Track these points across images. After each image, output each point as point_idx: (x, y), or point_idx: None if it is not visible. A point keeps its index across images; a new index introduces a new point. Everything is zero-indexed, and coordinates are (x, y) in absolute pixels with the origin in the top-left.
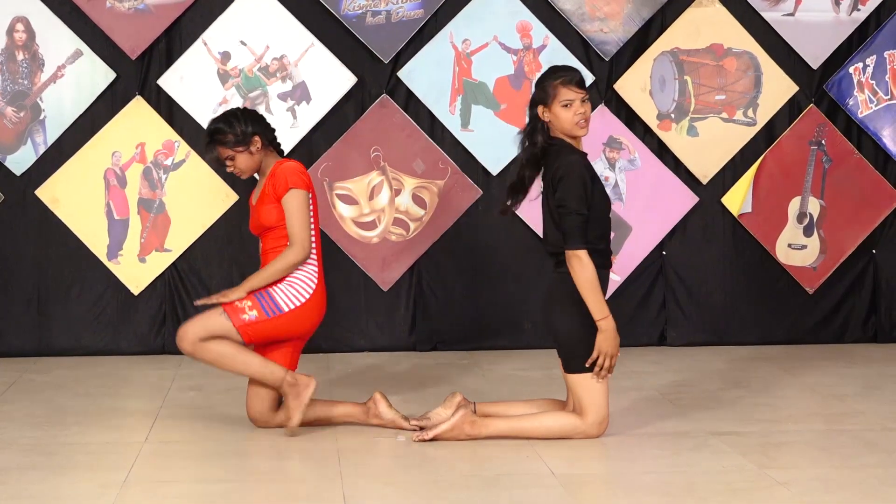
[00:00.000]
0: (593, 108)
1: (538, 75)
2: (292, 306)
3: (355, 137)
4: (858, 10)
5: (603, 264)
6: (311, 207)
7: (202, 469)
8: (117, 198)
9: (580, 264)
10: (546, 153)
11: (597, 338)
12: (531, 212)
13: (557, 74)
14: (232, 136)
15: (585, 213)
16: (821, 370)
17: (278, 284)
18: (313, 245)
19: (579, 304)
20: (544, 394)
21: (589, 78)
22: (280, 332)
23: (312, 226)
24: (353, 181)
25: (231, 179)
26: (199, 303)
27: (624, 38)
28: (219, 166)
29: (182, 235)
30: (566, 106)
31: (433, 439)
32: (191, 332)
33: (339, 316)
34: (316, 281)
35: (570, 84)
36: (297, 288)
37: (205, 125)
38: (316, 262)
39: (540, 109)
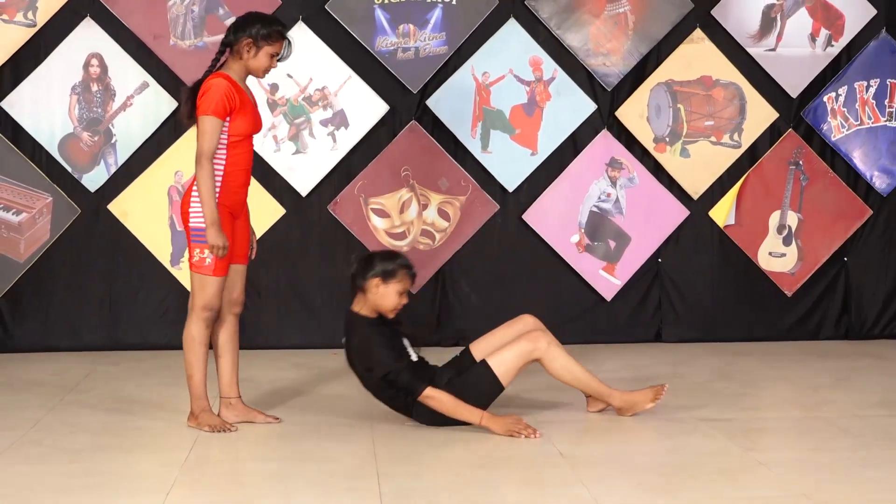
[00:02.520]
0: (597, 134)
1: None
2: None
3: (388, 158)
4: (832, 45)
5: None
6: None
7: (251, 450)
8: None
9: (435, 401)
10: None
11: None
12: (542, 223)
13: (408, 264)
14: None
15: (402, 364)
16: (798, 364)
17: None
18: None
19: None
20: (552, 385)
21: (592, 106)
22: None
23: None
24: (385, 197)
25: (278, 195)
26: None
27: (624, 70)
28: (270, 64)
29: None
30: (400, 294)
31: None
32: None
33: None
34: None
35: (410, 278)
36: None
37: (256, 149)
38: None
39: (375, 282)
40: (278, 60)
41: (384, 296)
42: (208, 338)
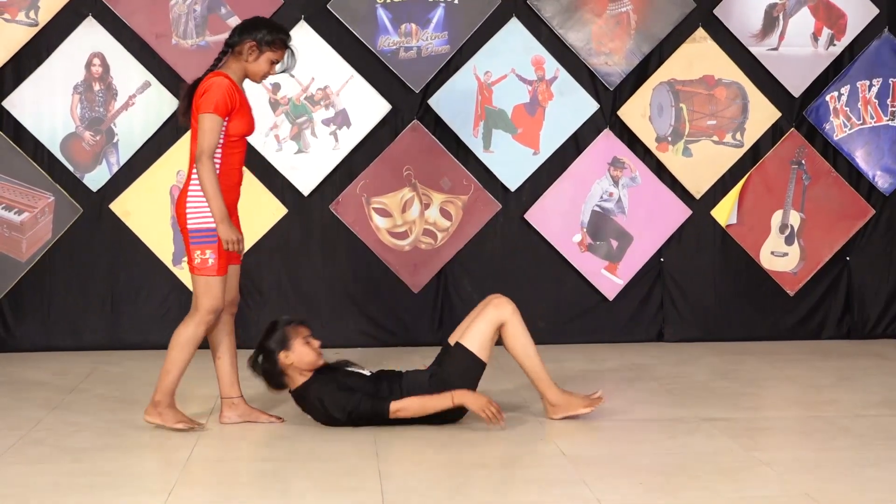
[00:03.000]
0: (599, 133)
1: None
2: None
3: (390, 158)
4: (834, 45)
5: None
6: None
7: (254, 449)
8: None
9: (403, 412)
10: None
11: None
12: (544, 222)
13: (292, 321)
14: None
15: (356, 396)
16: (800, 364)
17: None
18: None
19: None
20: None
21: (594, 106)
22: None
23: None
24: (387, 196)
25: (280, 194)
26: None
27: (626, 70)
28: (269, 70)
29: None
30: (307, 343)
31: None
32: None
33: (374, 315)
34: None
35: (303, 327)
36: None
37: (258, 148)
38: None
39: (282, 356)
40: (280, 71)
41: (298, 354)
42: (201, 341)
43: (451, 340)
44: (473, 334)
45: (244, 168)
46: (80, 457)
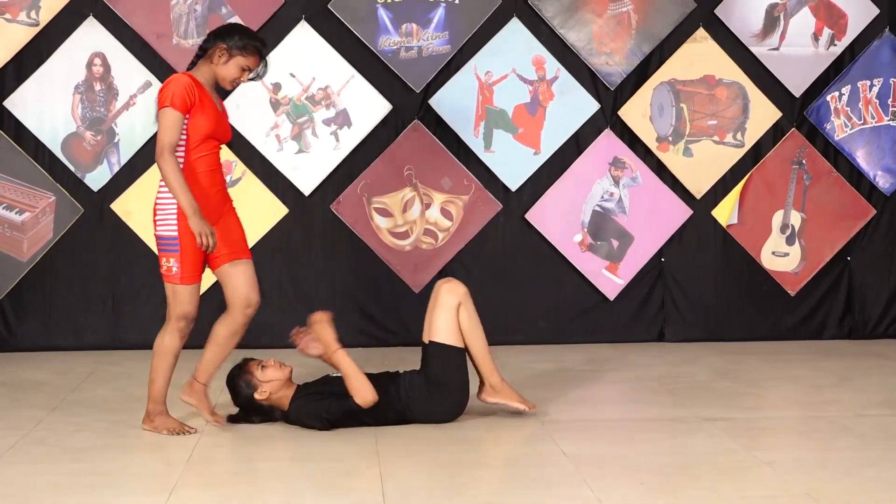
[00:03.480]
0: (600, 133)
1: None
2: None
3: (391, 158)
4: (835, 45)
5: None
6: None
7: (254, 449)
8: None
9: (361, 395)
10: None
11: None
12: (545, 222)
13: (239, 366)
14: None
15: (328, 404)
16: (801, 363)
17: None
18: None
19: None
20: (555, 384)
21: (594, 106)
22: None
23: None
24: (388, 196)
25: (281, 194)
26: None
27: (627, 69)
28: (239, 76)
29: None
30: (264, 368)
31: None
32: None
33: (376, 315)
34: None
35: (250, 362)
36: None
37: (259, 148)
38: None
39: (258, 395)
40: (251, 78)
41: (268, 379)
42: (180, 349)
43: (425, 338)
44: (439, 326)
45: (247, 171)
46: (81, 457)
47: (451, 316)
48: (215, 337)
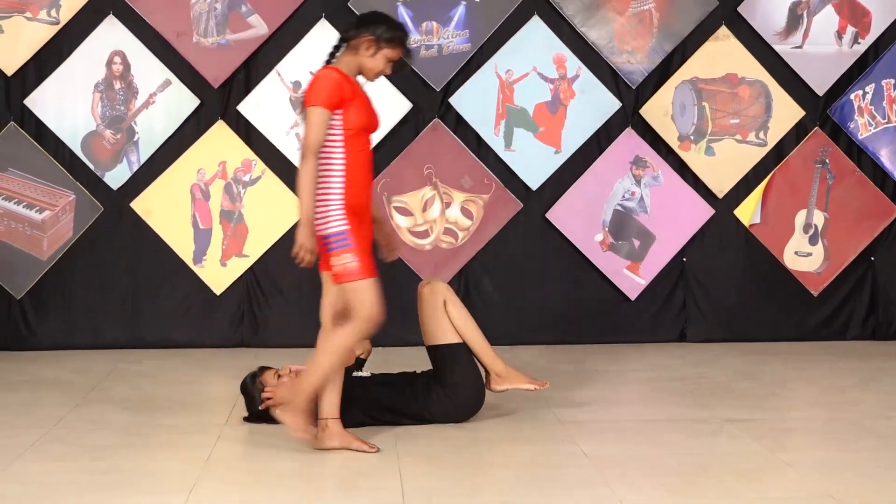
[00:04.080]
0: (621, 132)
1: None
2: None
3: (411, 157)
4: (859, 43)
5: None
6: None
7: (274, 449)
8: (202, 209)
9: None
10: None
11: None
12: (566, 222)
13: (255, 375)
14: None
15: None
16: (824, 364)
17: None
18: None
19: None
20: (576, 384)
21: (616, 104)
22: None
23: None
24: (408, 195)
25: None
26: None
27: (649, 68)
28: (384, 69)
29: (258, 243)
30: (280, 377)
31: None
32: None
33: (396, 315)
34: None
35: (266, 371)
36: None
37: (279, 147)
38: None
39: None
40: (395, 71)
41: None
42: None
43: (426, 343)
44: (435, 329)
45: (266, 170)
46: (101, 455)
47: (440, 315)
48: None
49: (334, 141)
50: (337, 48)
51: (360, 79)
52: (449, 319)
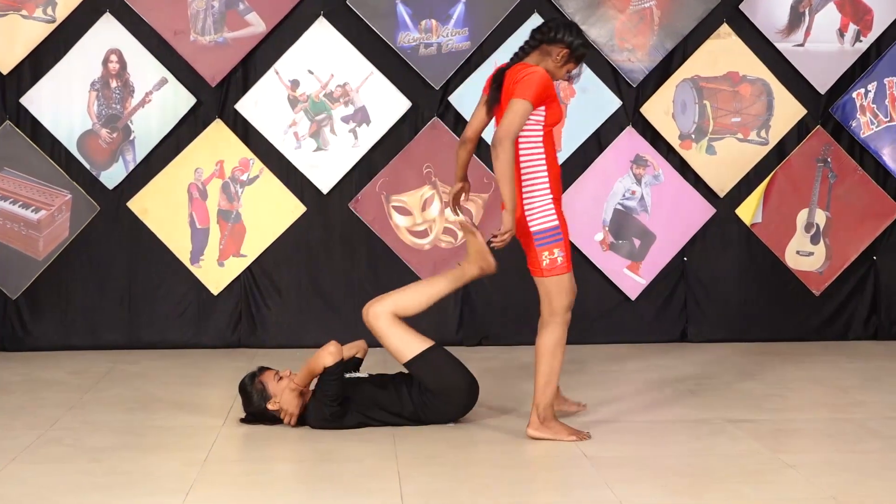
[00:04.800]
0: (621, 130)
1: None
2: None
3: (410, 155)
4: (861, 41)
5: None
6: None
7: (272, 450)
8: (199, 209)
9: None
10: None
11: None
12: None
13: (254, 374)
14: None
15: (325, 388)
16: (826, 364)
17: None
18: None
19: None
20: (577, 384)
21: (616, 103)
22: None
23: None
24: (407, 194)
25: (299, 192)
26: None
27: (650, 66)
28: (562, 78)
29: (256, 242)
30: (280, 379)
31: None
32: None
33: None
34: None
35: (266, 371)
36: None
37: (277, 146)
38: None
39: (272, 406)
40: (568, 77)
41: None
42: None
43: (399, 363)
44: (400, 347)
45: (264, 169)
46: (98, 456)
47: (398, 330)
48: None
49: (536, 137)
50: (531, 47)
51: None
52: (405, 332)
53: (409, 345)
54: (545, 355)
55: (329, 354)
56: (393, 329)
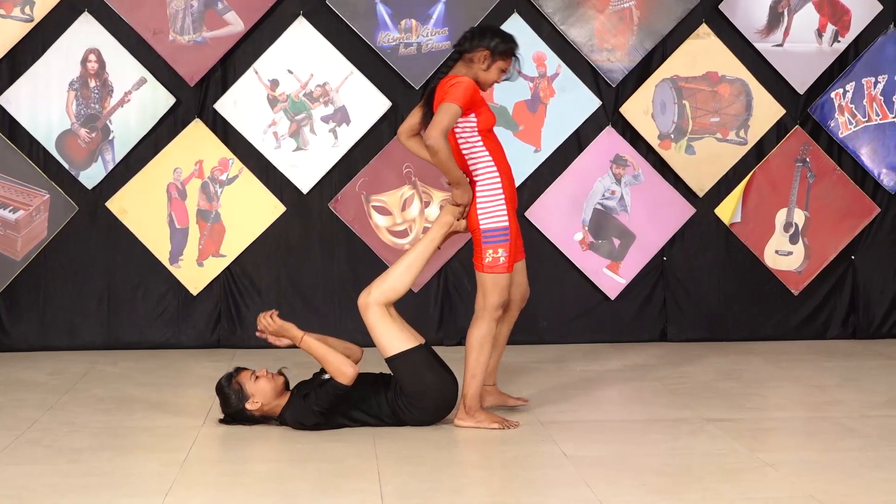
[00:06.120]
0: (601, 130)
1: None
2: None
3: (389, 155)
4: (839, 41)
5: None
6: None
7: (251, 450)
8: (178, 209)
9: (341, 370)
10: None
11: None
12: (546, 221)
13: (231, 375)
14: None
15: (315, 395)
16: (805, 363)
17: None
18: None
19: None
20: (556, 384)
21: (596, 103)
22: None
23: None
24: (387, 194)
25: (279, 192)
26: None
27: (629, 66)
28: (497, 79)
29: (235, 242)
30: (256, 379)
31: None
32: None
33: None
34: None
35: (242, 371)
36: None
37: (256, 145)
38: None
39: (249, 405)
40: (504, 79)
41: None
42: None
43: (382, 355)
44: (386, 341)
45: (244, 169)
46: (77, 457)
47: (387, 324)
48: (500, 339)
49: (475, 141)
50: (454, 60)
51: None
52: (395, 326)
53: (393, 341)
54: (473, 348)
55: (346, 377)
56: (382, 323)
